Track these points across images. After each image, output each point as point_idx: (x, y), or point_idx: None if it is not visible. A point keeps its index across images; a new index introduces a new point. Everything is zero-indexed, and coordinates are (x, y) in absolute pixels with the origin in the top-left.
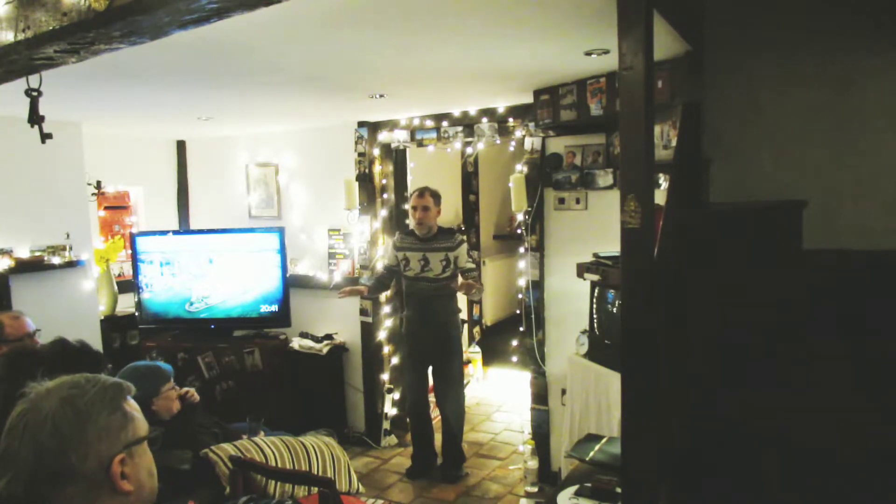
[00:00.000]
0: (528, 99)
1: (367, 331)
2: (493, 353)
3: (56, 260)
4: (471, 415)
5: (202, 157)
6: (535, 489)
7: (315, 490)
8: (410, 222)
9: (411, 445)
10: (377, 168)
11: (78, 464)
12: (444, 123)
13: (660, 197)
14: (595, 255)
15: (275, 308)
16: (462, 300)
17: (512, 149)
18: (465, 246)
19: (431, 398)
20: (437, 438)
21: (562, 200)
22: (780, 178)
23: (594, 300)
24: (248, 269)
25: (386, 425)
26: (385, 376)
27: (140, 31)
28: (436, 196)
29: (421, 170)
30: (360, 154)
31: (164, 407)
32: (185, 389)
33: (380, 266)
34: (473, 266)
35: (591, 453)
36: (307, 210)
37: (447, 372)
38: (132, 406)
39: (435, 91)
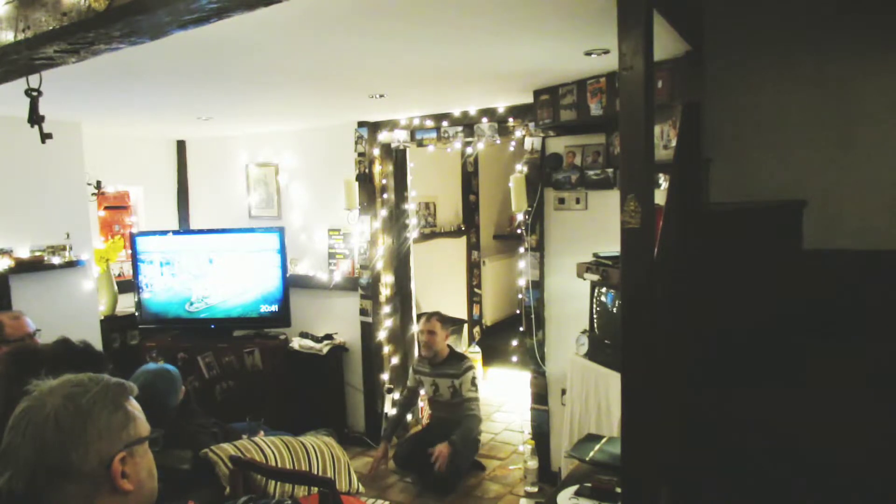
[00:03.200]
0: (528, 99)
1: (367, 331)
2: (493, 353)
3: (56, 260)
4: None
5: (202, 157)
6: (535, 489)
7: (315, 490)
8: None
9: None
10: (377, 168)
11: (79, 461)
12: (444, 123)
13: (660, 197)
14: (595, 255)
15: (275, 308)
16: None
17: (512, 149)
18: (471, 374)
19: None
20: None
21: (562, 200)
22: (780, 178)
23: (594, 300)
24: (248, 269)
25: (386, 425)
26: (385, 376)
27: (140, 31)
28: (443, 320)
29: (421, 170)
30: (360, 154)
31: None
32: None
33: (396, 397)
34: (476, 397)
35: (591, 453)
36: (307, 210)
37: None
38: (134, 406)
39: (435, 91)
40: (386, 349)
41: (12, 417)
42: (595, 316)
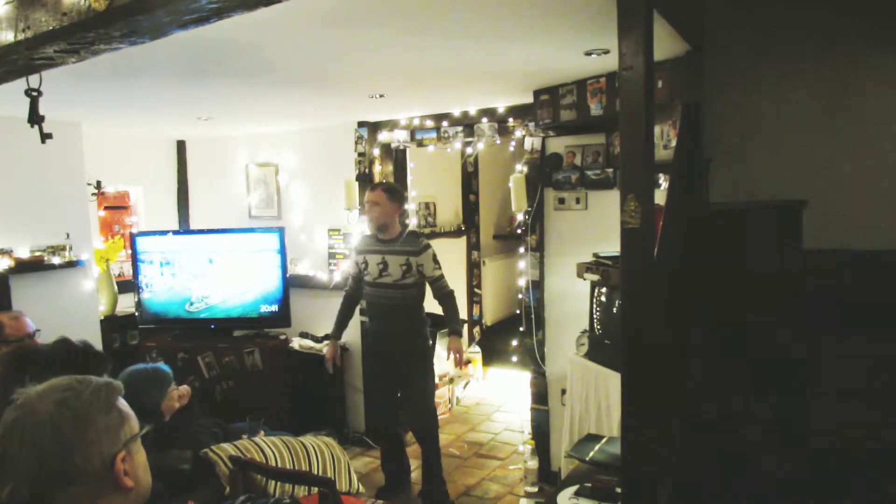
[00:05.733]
0: (528, 99)
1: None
2: (493, 353)
3: (56, 260)
4: (471, 415)
5: (202, 157)
6: (535, 489)
7: (315, 490)
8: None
9: (381, 463)
10: (377, 168)
11: (82, 464)
12: (444, 123)
13: (660, 197)
14: (595, 255)
15: (275, 308)
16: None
17: (512, 149)
18: (430, 251)
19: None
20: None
21: (562, 200)
22: (780, 178)
23: (594, 300)
24: (248, 269)
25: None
26: None
27: (140, 31)
28: (391, 192)
29: (421, 170)
30: (360, 154)
31: (168, 407)
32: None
33: (349, 281)
34: (441, 274)
35: (591, 453)
36: (307, 210)
37: (417, 389)
38: (123, 404)
39: (435, 91)
40: None
41: (2, 427)
42: (595, 316)
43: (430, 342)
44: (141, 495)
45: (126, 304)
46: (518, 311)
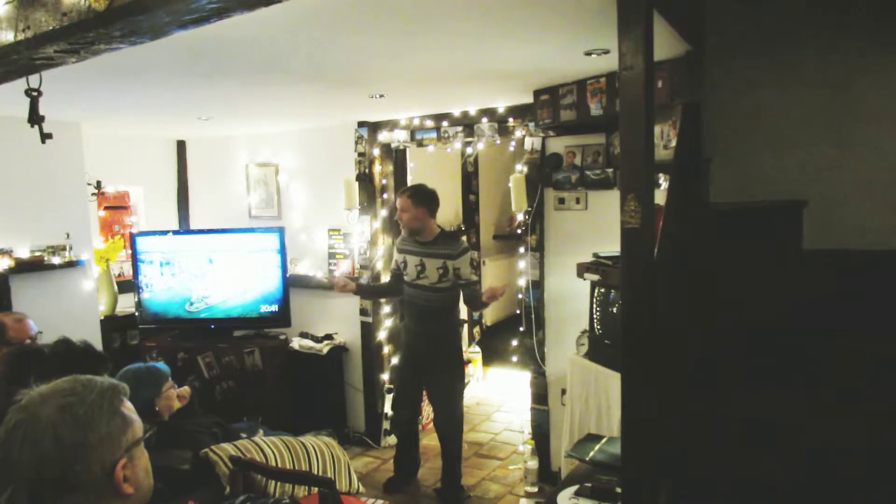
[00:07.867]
0: (528, 99)
1: (367, 331)
2: (493, 353)
3: (56, 260)
4: (471, 415)
5: (202, 157)
6: (535, 489)
7: (315, 490)
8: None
9: (394, 452)
10: (377, 168)
11: (82, 472)
12: (444, 123)
13: (660, 197)
14: (595, 255)
15: (275, 308)
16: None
17: (512, 149)
18: (469, 255)
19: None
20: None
21: (562, 200)
22: (780, 178)
23: (594, 300)
24: (247, 269)
25: (386, 425)
26: (385, 376)
27: (140, 31)
28: (417, 196)
29: (421, 170)
30: (360, 154)
31: (165, 406)
32: (184, 387)
33: (388, 274)
34: (477, 279)
35: (591, 453)
36: (307, 210)
37: (442, 389)
38: (129, 408)
39: (435, 91)
40: (386, 349)
41: (3, 431)
42: (595, 316)
43: (461, 345)
44: (141, 499)
45: (126, 304)
46: (518, 311)
